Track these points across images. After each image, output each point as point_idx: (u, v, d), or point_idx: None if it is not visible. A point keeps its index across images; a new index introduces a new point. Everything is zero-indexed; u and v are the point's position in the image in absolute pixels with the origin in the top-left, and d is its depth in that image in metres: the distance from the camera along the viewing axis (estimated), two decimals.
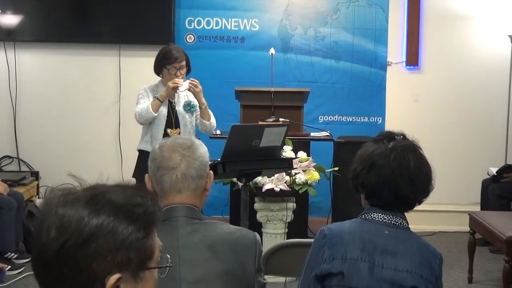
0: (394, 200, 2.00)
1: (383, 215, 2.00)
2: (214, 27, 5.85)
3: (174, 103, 4.28)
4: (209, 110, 4.29)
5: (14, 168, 5.96)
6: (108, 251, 1.09)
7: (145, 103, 4.17)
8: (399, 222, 2.01)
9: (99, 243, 1.09)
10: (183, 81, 4.16)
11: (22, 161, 5.96)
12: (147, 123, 4.23)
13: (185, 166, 1.87)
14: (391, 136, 2.08)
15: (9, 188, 4.92)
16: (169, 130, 4.19)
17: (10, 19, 5.81)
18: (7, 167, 5.96)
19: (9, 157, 5.97)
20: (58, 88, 5.96)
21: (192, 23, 5.85)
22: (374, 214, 2.01)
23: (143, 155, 4.18)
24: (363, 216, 2.04)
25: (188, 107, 4.26)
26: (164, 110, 4.22)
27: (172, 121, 4.23)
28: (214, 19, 5.84)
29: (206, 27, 5.85)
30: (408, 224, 2.03)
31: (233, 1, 5.85)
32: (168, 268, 1.23)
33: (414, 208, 2.07)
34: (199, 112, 4.31)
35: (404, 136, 2.10)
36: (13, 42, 5.83)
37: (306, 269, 2.03)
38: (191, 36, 5.85)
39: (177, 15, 5.83)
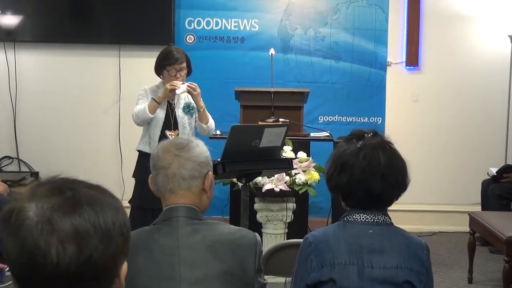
0: (368, 198, 1.99)
1: (365, 215, 1.99)
2: (214, 28, 5.85)
3: (174, 105, 4.26)
4: (207, 113, 4.27)
5: (14, 168, 5.96)
6: (122, 242, 1.03)
7: (143, 104, 4.17)
8: (381, 219, 1.99)
9: (116, 237, 1.02)
10: (182, 83, 4.15)
11: (22, 161, 5.96)
12: (145, 124, 4.23)
13: (176, 166, 1.87)
14: (360, 134, 2.06)
15: (9, 189, 4.91)
16: (167, 132, 4.18)
17: (10, 19, 5.81)
18: (7, 167, 5.96)
19: (9, 157, 5.97)
20: (58, 89, 5.96)
21: (192, 24, 5.85)
22: (355, 216, 2.00)
23: (142, 156, 4.20)
24: (345, 218, 2.02)
25: (188, 108, 4.26)
26: (162, 112, 4.21)
27: (171, 122, 4.21)
28: (214, 19, 5.84)
29: (206, 27, 5.85)
30: (390, 220, 2.02)
31: (233, 2, 5.84)
32: None
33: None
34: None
35: (374, 133, 2.07)
36: (13, 42, 5.82)
37: (295, 278, 2.01)
38: (191, 36, 5.85)
39: (177, 16, 5.83)
